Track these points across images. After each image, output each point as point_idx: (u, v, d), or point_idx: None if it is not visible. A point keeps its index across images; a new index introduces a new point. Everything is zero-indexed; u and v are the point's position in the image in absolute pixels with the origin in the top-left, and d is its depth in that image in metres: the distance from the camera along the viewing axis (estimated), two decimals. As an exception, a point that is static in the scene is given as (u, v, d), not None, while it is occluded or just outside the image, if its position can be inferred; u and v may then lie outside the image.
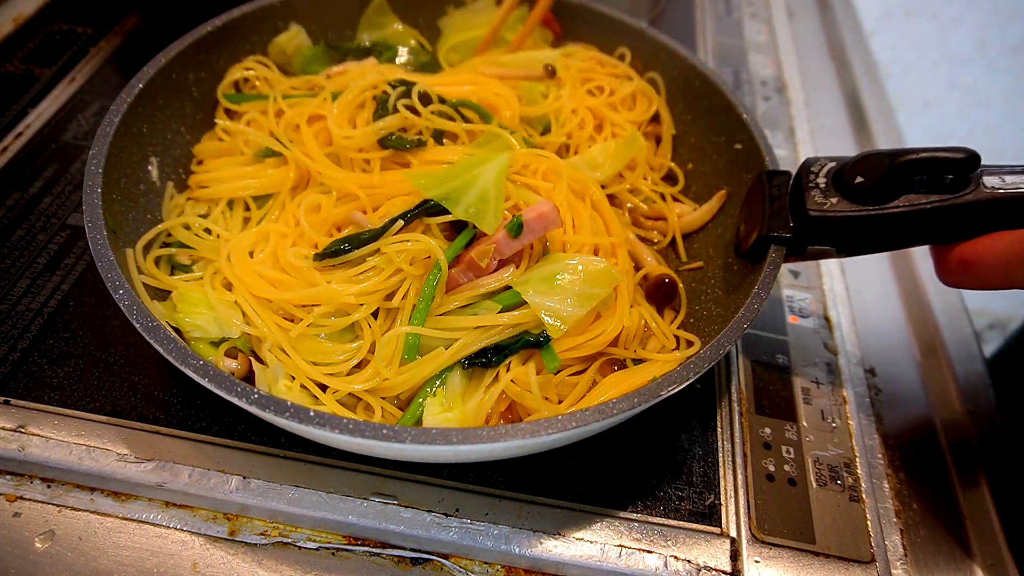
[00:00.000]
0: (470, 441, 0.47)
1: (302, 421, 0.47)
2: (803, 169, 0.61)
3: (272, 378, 0.58)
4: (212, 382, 0.49)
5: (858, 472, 0.64)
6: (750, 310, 0.56)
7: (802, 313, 0.77)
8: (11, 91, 0.90)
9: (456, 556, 0.58)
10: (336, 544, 0.58)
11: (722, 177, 0.75)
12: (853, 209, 0.57)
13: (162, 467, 0.59)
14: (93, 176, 0.60)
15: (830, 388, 0.71)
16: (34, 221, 0.76)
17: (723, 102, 0.75)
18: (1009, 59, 2.05)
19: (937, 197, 0.54)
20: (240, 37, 0.78)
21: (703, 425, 0.67)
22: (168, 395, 0.63)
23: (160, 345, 0.50)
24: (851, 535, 0.60)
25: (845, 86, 1.12)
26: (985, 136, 2.13)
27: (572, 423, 0.48)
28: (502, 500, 0.60)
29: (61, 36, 1.00)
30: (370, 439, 0.47)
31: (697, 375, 0.52)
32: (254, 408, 0.48)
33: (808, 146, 0.99)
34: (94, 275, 0.54)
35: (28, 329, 0.67)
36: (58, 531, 0.56)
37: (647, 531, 0.59)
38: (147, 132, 0.69)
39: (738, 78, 1.08)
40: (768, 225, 0.60)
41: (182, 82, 0.73)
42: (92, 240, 0.56)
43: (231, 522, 0.58)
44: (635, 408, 0.50)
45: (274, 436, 0.62)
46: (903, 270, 0.85)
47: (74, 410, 0.62)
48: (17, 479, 0.59)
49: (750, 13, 1.23)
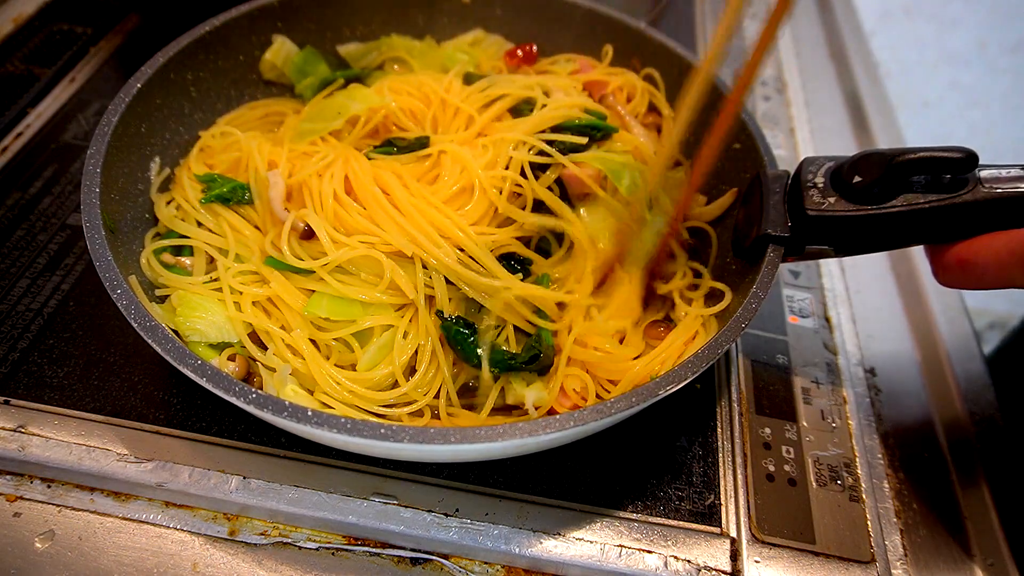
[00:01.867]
0: (468, 440, 0.47)
1: (300, 421, 0.47)
2: (801, 169, 0.61)
3: (280, 382, 0.58)
4: (210, 382, 0.49)
5: (858, 472, 0.64)
6: (748, 309, 0.56)
7: (802, 313, 0.77)
8: (11, 91, 0.90)
9: (456, 556, 0.58)
10: (336, 544, 0.58)
11: (721, 177, 0.75)
12: (851, 209, 0.57)
13: (162, 467, 0.59)
14: (91, 176, 0.60)
15: (830, 388, 0.71)
16: (34, 221, 0.76)
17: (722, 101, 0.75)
18: (1009, 59, 2.06)
19: (935, 197, 0.54)
20: (239, 37, 0.78)
21: (703, 425, 0.67)
22: (168, 395, 0.63)
23: (158, 345, 0.50)
24: (851, 535, 0.60)
25: (845, 86, 1.12)
26: (985, 136, 2.13)
27: (570, 422, 0.48)
28: (502, 500, 0.60)
29: (61, 36, 1.00)
30: (368, 439, 0.47)
31: (695, 374, 0.52)
32: (252, 408, 0.48)
33: (808, 146, 0.99)
34: (94, 275, 0.54)
35: (28, 329, 0.67)
36: (58, 531, 0.57)
37: (647, 531, 0.59)
38: (145, 132, 0.69)
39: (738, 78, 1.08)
40: (766, 224, 0.60)
41: (180, 82, 0.73)
42: (90, 240, 0.56)
43: (231, 522, 0.58)
44: (633, 407, 0.50)
45: (274, 436, 0.62)
46: (903, 270, 0.85)
47: (74, 410, 0.62)
48: (17, 479, 0.59)
49: (750, 13, 1.23)
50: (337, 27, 0.86)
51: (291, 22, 0.82)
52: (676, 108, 0.76)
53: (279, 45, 0.81)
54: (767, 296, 0.58)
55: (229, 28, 0.76)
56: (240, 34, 0.78)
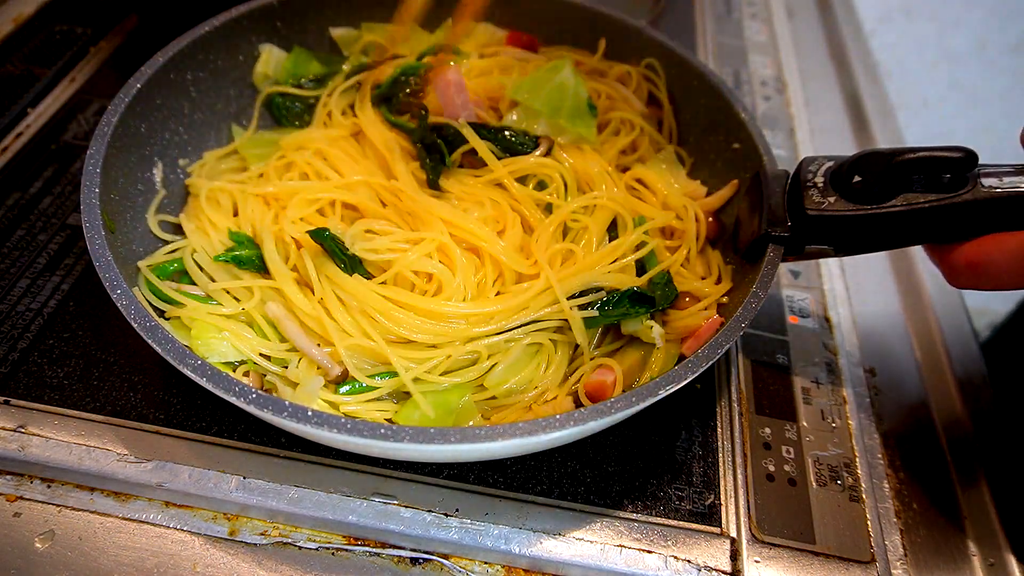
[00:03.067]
0: (469, 440, 0.47)
1: (300, 420, 0.47)
2: (801, 168, 0.61)
3: (308, 396, 0.58)
4: (210, 381, 0.49)
5: (858, 472, 0.64)
6: (748, 309, 0.56)
7: (802, 313, 0.77)
8: (11, 91, 0.90)
9: (456, 556, 0.58)
10: (336, 544, 0.58)
11: (720, 176, 0.75)
12: (851, 208, 0.57)
13: (162, 467, 0.59)
14: (91, 176, 0.60)
15: (830, 388, 0.71)
16: (34, 221, 0.76)
17: (721, 102, 0.75)
18: (1009, 59, 2.06)
19: (935, 196, 0.54)
20: (239, 37, 0.78)
21: (703, 425, 0.67)
22: (168, 395, 0.63)
23: (158, 345, 0.50)
24: (851, 535, 0.60)
25: (845, 86, 1.12)
26: (984, 136, 2.13)
27: (570, 422, 0.48)
28: (502, 500, 0.60)
29: (61, 36, 1.00)
30: (368, 439, 0.47)
31: (695, 374, 0.52)
32: (252, 408, 0.48)
33: (808, 145, 0.99)
34: (94, 275, 0.54)
35: (28, 329, 0.67)
36: (58, 531, 0.57)
37: (647, 531, 0.59)
38: (145, 132, 0.69)
39: (738, 78, 1.08)
40: (765, 224, 0.60)
41: (180, 82, 0.73)
42: (90, 240, 0.56)
43: (231, 522, 0.58)
44: (633, 407, 0.50)
45: (274, 436, 0.62)
46: (903, 270, 0.85)
47: (74, 410, 0.62)
48: (17, 479, 0.59)
49: (750, 13, 1.23)
50: (337, 26, 0.86)
51: (291, 22, 0.82)
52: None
53: (267, 54, 0.80)
54: (767, 296, 0.58)
55: (229, 28, 0.76)
56: (240, 34, 0.78)
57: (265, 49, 0.81)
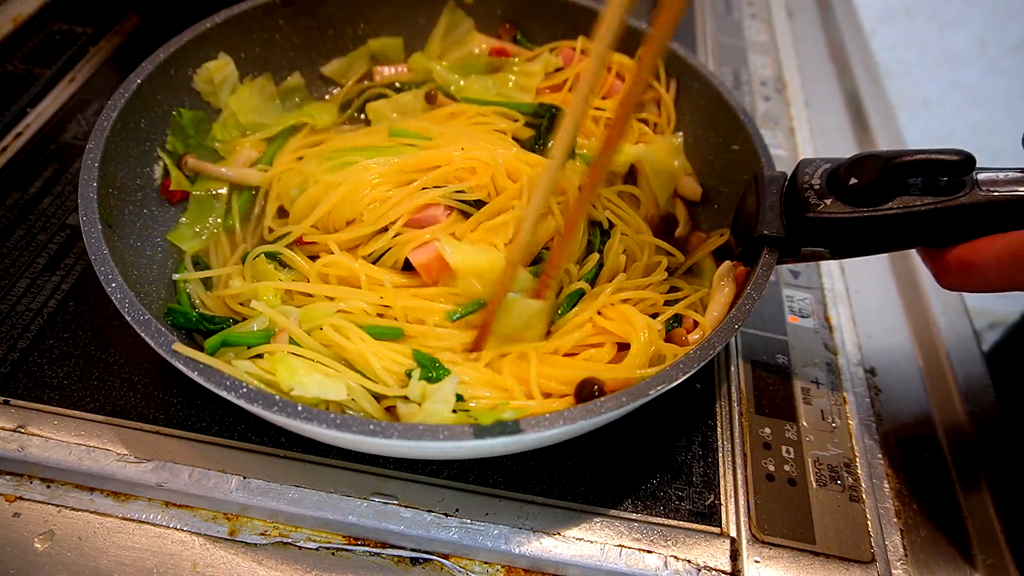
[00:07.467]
0: (457, 438, 0.47)
1: (290, 416, 0.47)
2: (798, 170, 0.61)
3: (434, 414, 0.54)
4: (201, 375, 0.49)
5: (858, 472, 0.64)
6: (742, 311, 0.56)
7: (802, 313, 0.77)
8: (11, 91, 0.90)
9: (456, 556, 0.58)
10: (336, 544, 0.58)
11: (719, 178, 0.75)
12: (847, 211, 0.56)
13: (162, 467, 0.59)
14: (89, 170, 0.60)
15: (830, 388, 0.71)
16: (34, 221, 0.76)
17: (721, 103, 0.75)
18: (1009, 59, 2.06)
19: (932, 199, 0.54)
20: (239, 35, 0.78)
21: (703, 425, 0.67)
22: (168, 395, 0.63)
23: (151, 338, 0.51)
24: (851, 535, 0.60)
25: (845, 86, 1.12)
26: (985, 136, 2.13)
27: (559, 421, 0.48)
28: (502, 500, 0.60)
29: (61, 36, 1.00)
30: (357, 434, 0.47)
31: (687, 375, 0.52)
32: (243, 402, 0.48)
33: (808, 146, 0.99)
34: (94, 275, 0.54)
35: (28, 329, 0.67)
36: (58, 531, 0.57)
37: (647, 531, 0.59)
38: (144, 128, 0.69)
39: (738, 78, 1.08)
40: (762, 226, 0.60)
41: (180, 79, 0.73)
42: (87, 234, 0.56)
43: (231, 522, 0.58)
44: (623, 407, 0.50)
45: (274, 436, 0.62)
46: (903, 270, 0.85)
47: (74, 410, 0.62)
48: (17, 479, 0.59)
49: (750, 13, 1.23)
50: (338, 25, 0.86)
51: (291, 19, 0.82)
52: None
53: (223, 63, 0.76)
54: (762, 297, 0.58)
55: (230, 25, 0.76)
56: (241, 32, 0.78)
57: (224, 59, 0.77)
